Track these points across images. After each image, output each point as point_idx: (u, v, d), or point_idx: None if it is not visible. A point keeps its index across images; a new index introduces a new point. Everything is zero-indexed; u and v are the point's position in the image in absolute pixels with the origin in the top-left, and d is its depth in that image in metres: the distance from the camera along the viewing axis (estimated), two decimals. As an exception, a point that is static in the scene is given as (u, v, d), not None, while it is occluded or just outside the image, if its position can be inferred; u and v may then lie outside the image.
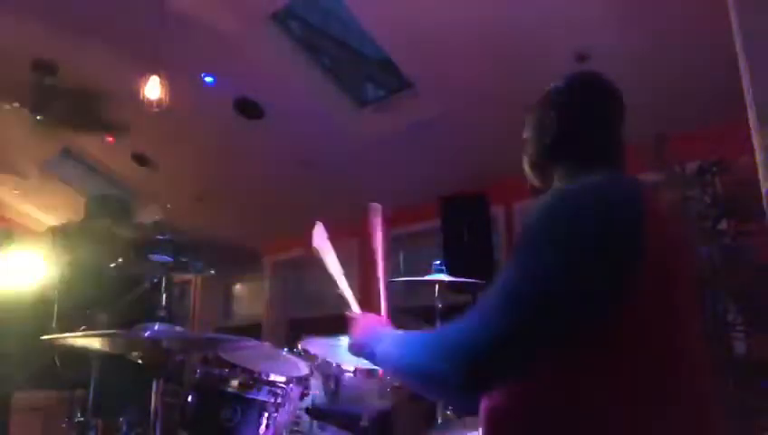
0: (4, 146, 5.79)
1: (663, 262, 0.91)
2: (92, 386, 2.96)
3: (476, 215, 4.38)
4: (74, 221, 3.60)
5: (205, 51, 4.15)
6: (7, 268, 4.28)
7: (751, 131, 1.87)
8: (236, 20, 3.92)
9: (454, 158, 4.48)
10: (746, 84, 1.89)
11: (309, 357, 2.07)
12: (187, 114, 4.53)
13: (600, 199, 0.92)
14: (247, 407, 1.87)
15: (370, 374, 2.04)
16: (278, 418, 1.89)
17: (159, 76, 3.68)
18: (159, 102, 3.66)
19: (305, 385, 2.01)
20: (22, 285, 4.09)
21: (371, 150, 4.72)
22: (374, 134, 4.63)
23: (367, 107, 4.81)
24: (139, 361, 1.57)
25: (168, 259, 1.63)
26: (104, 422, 2.87)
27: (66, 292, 3.47)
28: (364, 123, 4.68)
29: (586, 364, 0.87)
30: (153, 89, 3.67)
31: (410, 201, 5.04)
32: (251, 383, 1.89)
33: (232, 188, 5.78)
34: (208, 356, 1.92)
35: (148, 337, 1.48)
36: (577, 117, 1.15)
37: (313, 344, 2.14)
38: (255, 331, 6.33)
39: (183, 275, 6.92)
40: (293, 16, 4.58)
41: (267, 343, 2.22)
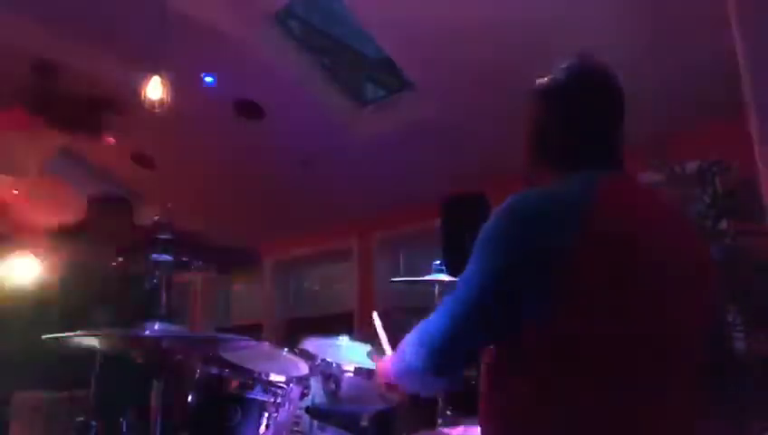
0: (4, 146, 5.79)
1: (609, 262, 0.93)
2: (92, 386, 2.96)
3: (476, 215, 4.37)
4: (74, 221, 3.60)
5: (205, 51, 4.15)
6: (7, 268, 4.28)
7: (751, 131, 1.87)
8: (236, 20, 3.93)
9: (454, 158, 4.48)
10: (746, 84, 1.89)
11: (309, 357, 2.08)
12: (187, 114, 4.52)
13: (534, 208, 1.01)
14: (247, 407, 1.87)
15: (370, 374, 2.04)
16: (278, 418, 1.89)
17: (159, 76, 3.68)
18: (160, 103, 3.66)
19: (305, 385, 2.00)
20: (22, 286, 4.09)
21: (371, 150, 4.71)
22: (374, 134, 4.63)
23: (367, 107, 4.81)
24: (139, 361, 1.57)
25: (168, 259, 1.63)
26: (104, 422, 2.87)
27: (66, 292, 3.47)
28: (364, 123, 4.68)
29: (530, 362, 0.95)
30: (154, 89, 3.67)
31: (410, 201, 5.04)
32: (251, 383, 1.89)
33: (232, 188, 5.77)
34: (208, 356, 1.92)
35: (147, 337, 1.48)
36: (568, 115, 1.14)
37: (313, 344, 2.14)
38: (255, 331, 6.33)
39: (183, 275, 6.92)
40: (293, 16, 4.58)
41: (267, 343, 2.22)
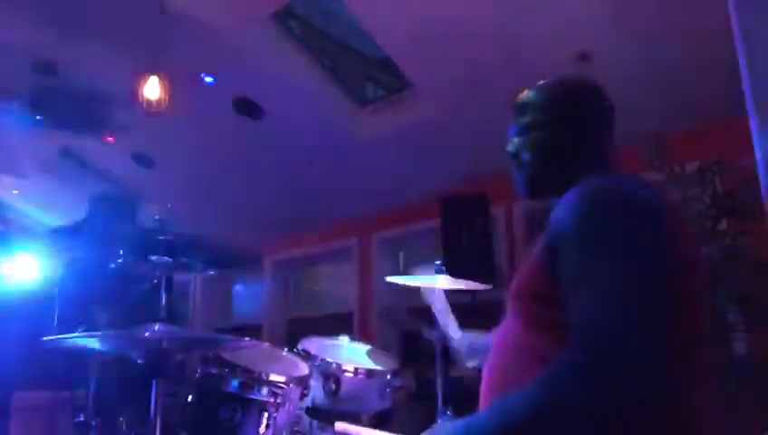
0: (4, 146, 5.79)
1: (695, 263, 0.96)
2: (92, 386, 2.96)
3: (476, 215, 4.38)
4: (74, 221, 3.60)
5: (205, 51, 4.15)
6: (7, 268, 4.28)
7: (751, 131, 1.87)
8: (236, 20, 3.92)
9: (454, 158, 4.48)
10: (746, 84, 1.89)
11: (309, 357, 2.08)
12: (187, 114, 4.53)
13: (660, 199, 0.96)
14: (247, 407, 1.87)
15: (370, 374, 2.05)
16: (278, 418, 1.89)
17: (159, 76, 3.68)
18: (159, 103, 3.66)
19: (305, 385, 2.01)
20: (22, 285, 4.09)
21: (371, 150, 4.71)
22: (374, 134, 4.63)
23: (367, 107, 4.81)
24: (139, 361, 1.57)
25: (168, 260, 1.62)
26: (104, 422, 2.87)
27: (66, 292, 3.47)
28: (364, 123, 4.68)
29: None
30: (153, 89, 3.68)
31: (410, 201, 5.04)
32: (251, 383, 1.89)
33: (232, 189, 5.77)
34: (208, 356, 1.91)
35: (147, 338, 1.48)
36: (587, 118, 1.15)
37: (313, 344, 2.14)
38: (255, 331, 6.33)
39: (183, 276, 6.92)
40: (293, 16, 4.58)
41: (267, 343, 2.22)
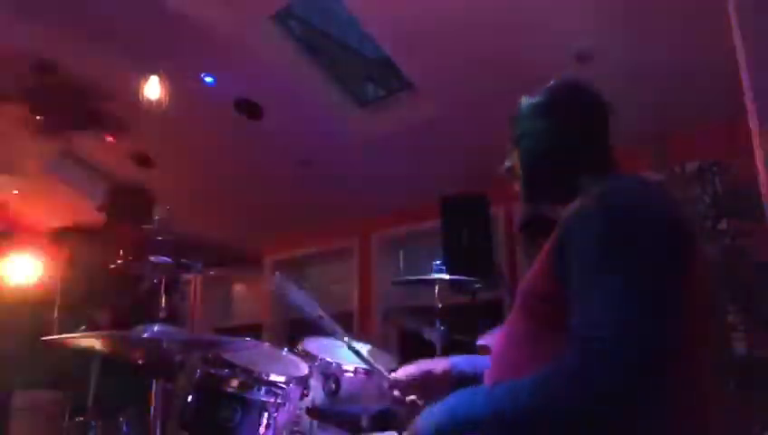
0: (4, 146, 5.79)
1: (701, 255, 1.00)
2: (92, 386, 2.96)
3: (476, 215, 4.38)
4: (74, 221, 3.60)
5: (205, 51, 4.15)
6: (7, 268, 4.28)
7: (751, 131, 1.87)
8: (236, 20, 3.92)
9: (454, 158, 4.48)
10: (746, 84, 1.89)
11: (309, 357, 2.08)
12: (187, 114, 4.52)
13: (672, 199, 1.01)
14: (247, 407, 1.87)
15: (370, 374, 2.05)
16: (278, 418, 1.89)
17: (159, 76, 3.68)
18: (159, 102, 3.66)
19: (305, 385, 2.01)
20: (22, 285, 4.09)
21: (371, 150, 4.71)
22: (374, 134, 4.63)
23: (367, 107, 4.81)
24: (140, 361, 1.57)
25: (168, 260, 1.63)
26: (104, 422, 2.87)
27: (66, 292, 3.47)
28: (364, 123, 4.68)
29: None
30: (153, 89, 3.68)
31: (410, 201, 5.03)
32: (251, 383, 1.89)
33: (232, 188, 5.77)
34: (208, 356, 1.91)
35: (147, 338, 1.48)
36: (580, 120, 1.14)
37: (313, 344, 2.14)
38: (255, 331, 6.32)
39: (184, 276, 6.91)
40: (293, 16, 4.58)
41: (267, 343, 2.22)
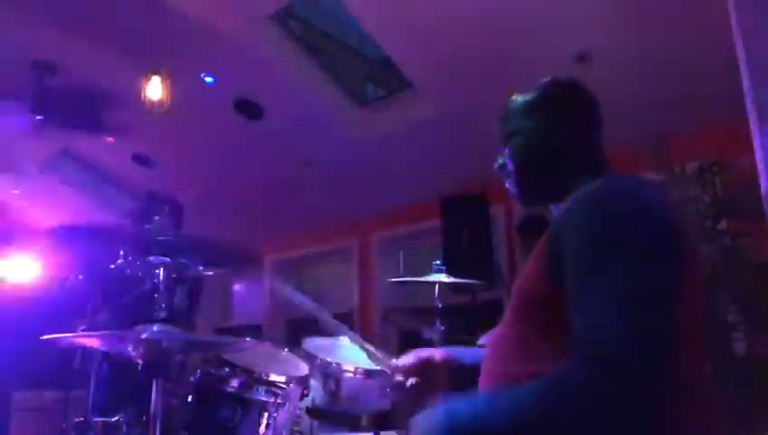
0: (4, 146, 5.79)
1: (697, 265, 0.98)
2: (92, 386, 2.97)
3: (476, 215, 4.39)
4: (75, 221, 3.60)
5: (205, 51, 4.15)
6: (7, 268, 4.28)
7: (751, 131, 1.87)
8: (236, 20, 3.92)
9: (454, 158, 4.48)
10: (746, 84, 1.89)
11: (309, 357, 2.08)
12: (187, 114, 4.52)
13: (658, 195, 0.97)
14: (247, 407, 1.87)
15: (370, 374, 2.04)
16: (278, 418, 1.89)
17: (159, 76, 3.68)
18: (160, 102, 3.66)
19: (305, 385, 2.01)
20: (22, 285, 4.09)
21: (371, 150, 4.71)
22: (374, 134, 4.63)
23: (367, 107, 4.81)
24: (139, 361, 1.56)
25: (168, 260, 1.62)
26: (104, 422, 2.88)
27: (66, 292, 3.47)
28: (364, 123, 4.68)
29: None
30: (154, 89, 3.68)
31: (410, 201, 5.03)
32: (251, 383, 1.89)
33: (232, 188, 5.77)
34: (208, 356, 1.92)
35: (147, 338, 1.48)
36: (570, 119, 1.14)
37: (313, 344, 2.14)
38: (255, 331, 6.33)
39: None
40: (293, 16, 4.57)
41: (267, 343, 2.22)
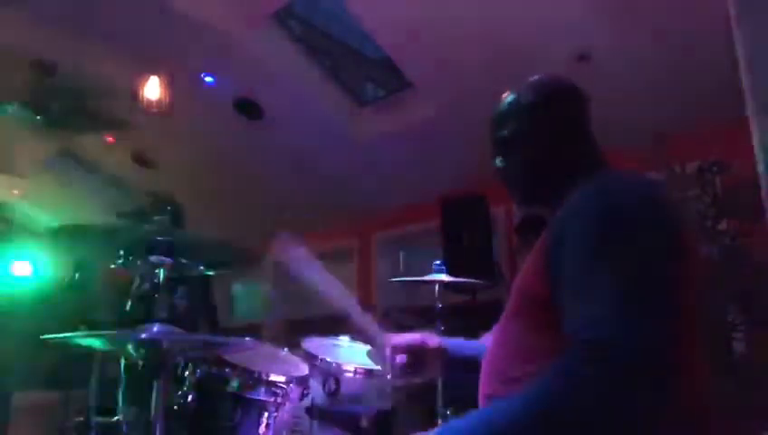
0: (4, 146, 5.79)
1: (698, 262, 1.00)
2: (92, 386, 2.97)
3: (476, 215, 4.38)
4: (75, 221, 3.61)
5: (205, 51, 4.15)
6: (7, 268, 4.28)
7: (751, 131, 1.87)
8: (236, 20, 3.92)
9: (454, 158, 4.48)
10: (746, 84, 1.89)
11: (309, 357, 2.08)
12: (187, 114, 4.53)
13: (655, 190, 0.99)
14: (247, 407, 1.87)
15: (370, 374, 2.04)
16: (278, 418, 1.89)
17: (159, 76, 3.68)
18: (159, 102, 3.66)
19: (305, 385, 2.01)
20: (22, 285, 4.09)
21: (371, 150, 4.71)
22: (374, 134, 4.63)
23: (367, 107, 4.81)
24: (140, 361, 1.56)
25: (168, 261, 1.62)
26: (104, 422, 2.88)
27: (66, 292, 3.47)
28: (364, 123, 4.68)
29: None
30: (153, 89, 3.68)
31: (410, 201, 5.03)
32: (251, 383, 1.89)
33: (232, 188, 5.77)
34: (208, 356, 1.92)
35: (147, 338, 1.48)
36: (563, 120, 1.14)
37: (313, 344, 2.14)
38: (255, 331, 6.32)
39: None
40: (293, 16, 4.58)
41: (267, 343, 2.22)
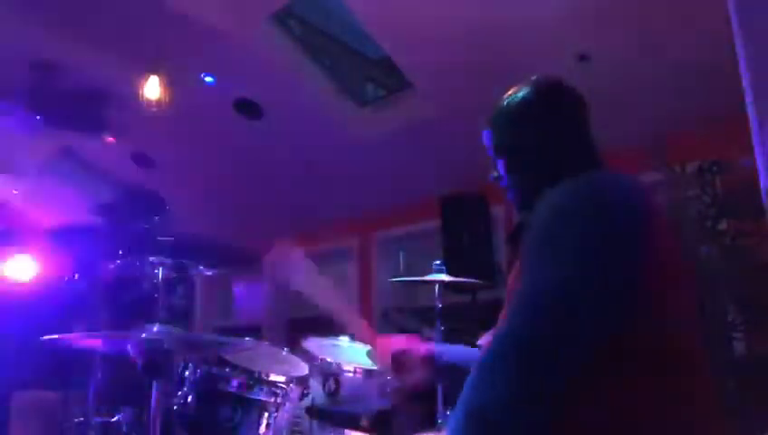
0: (4, 146, 5.79)
1: (665, 262, 0.91)
2: (92, 386, 2.97)
3: (476, 215, 4.38)
4: (75, 221, 3.61)
5: (205, 51, 4.15)
6: (7, 268, 4.28)
7: (751, 131, 1.87)
8: (236, 20, 3.92)
9: (454, 158, 4.48)
10: (746, 84, 1.89)
11: (309, 357, 2.08)
12: (187, 114, 4.52)
13: (604, 199, 0.90)
14: (247, 407, 1.87)
15: (370, 374, 2.05)
16: (278, 418, 1.89)
17: (159, 76, 3.68)
18: (159, 102, 3.66)
19: (305, 385, 2.01)
20: (22, 285, 4.09)
21: (371, 150, 4.71)
22: (374, 134, 4.63)
23: (367, 107, 4.81)
24: (139, 361, 1.56)
25: (168, 261, 1.63)
26: (104, 422, 2.88)
27: (66, 292, 3.47)
28: (364, 123, 4.68)
29: (610, 375, 0.83)
30: (153, 89, 3.68)
31: (410, 201, 5.03)
32: (251, 383, 1.90)
33: (232, 188, 5.77)
34: (208, 356, 1.92)
35: (147, 338, 1.48)
36: (556, 123, 1.13)
37: (313, 344, 2.14)
38: (255, 331, 6.32)
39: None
40: (293, 16, 4.57)
41: (267, 343, 2.22)
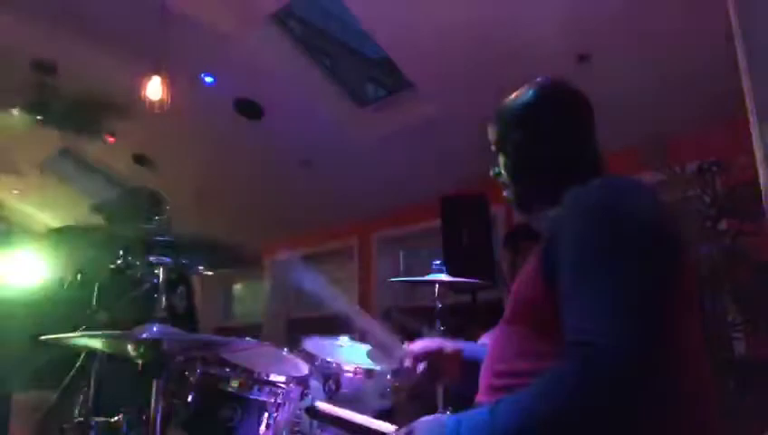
0: (4, 146, 5.79)
1: (691, 264, 0.98)
2: (92, 386, 2.97)
3: (476, 215, 4.37)
4: (75, 221, 3.61)
5: (205, 51, 4.15)
6: (7, 268, 4.28)
7: (751, 131, 1.87)
8: (236, 20, 3.93)
9: (454, 158, 4.48)
10: (746, 84, 1.89)
11: (309, 357, 2.08)
12: (187, 114, 4.53)
13: (650, 195, 0.94)
14: (247, 407, 1.87)
15: (370, 374, 2.05)
16: (278, 418, 1.89)
17: (160, 76, 3.68)
18: (160, 103, 3.66)
19: (305, 385, 2.01)
20: (22, 285, 4.09)
21: (371, 150, 4.72)
22: (374, 134, 4.63)
23: (367, 107, 4.81)
24: (140, 361, 1.56)
25: (168, 261, 1.62)
26: (104, 422, 2.87)
27: (66, 292, 3.47)
28: (364, 123, 4.68)
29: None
30: (154, 89, 3.68)
31: (410, 201, 5.03)
32: (251, 383, 1.90)
33: (232, 188, 5.78)
34: (208, 356, 1.92)
35: (147, 338, 1.48)
36: (559, 124, 1.13)
37: (313, 344, 2.14)
38: (255, 331, 6.33)
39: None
40: (293, 16, 4.58)
41: (267, 343, 2.22)
